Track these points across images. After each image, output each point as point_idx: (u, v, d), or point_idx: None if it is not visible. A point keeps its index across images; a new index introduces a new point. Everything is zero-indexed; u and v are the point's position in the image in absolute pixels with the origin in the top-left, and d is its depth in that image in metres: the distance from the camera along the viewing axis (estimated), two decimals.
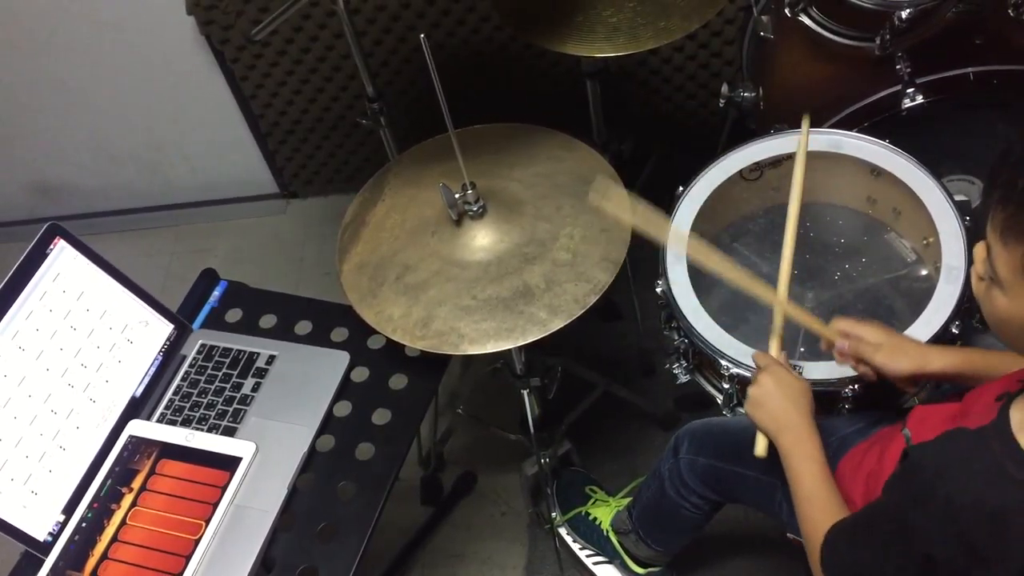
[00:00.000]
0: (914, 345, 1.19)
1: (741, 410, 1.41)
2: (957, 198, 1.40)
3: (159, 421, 1.34)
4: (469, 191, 1.29)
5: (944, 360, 1.17)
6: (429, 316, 1.27)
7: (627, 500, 1.72)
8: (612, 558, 1.77)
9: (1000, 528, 0.80)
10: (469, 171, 1.28)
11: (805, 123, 1.45)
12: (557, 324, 1.23)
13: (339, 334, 1.41)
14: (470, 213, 1.32)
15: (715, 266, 1.30)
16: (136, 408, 1.34)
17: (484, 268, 1.30)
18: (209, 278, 1.51)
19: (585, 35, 1.46)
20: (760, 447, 1.21)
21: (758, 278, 1.28)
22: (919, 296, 1.42)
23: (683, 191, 1.49)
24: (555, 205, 1.34)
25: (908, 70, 1.54)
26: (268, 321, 1.44)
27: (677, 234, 1.38)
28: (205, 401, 1.35)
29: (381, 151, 1.81)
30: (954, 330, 1.28)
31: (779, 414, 1.17)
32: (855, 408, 1.31)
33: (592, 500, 1.82)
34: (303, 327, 1.43)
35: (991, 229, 0.83)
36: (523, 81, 2.26)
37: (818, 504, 1.08)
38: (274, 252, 2.57)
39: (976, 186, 1.67)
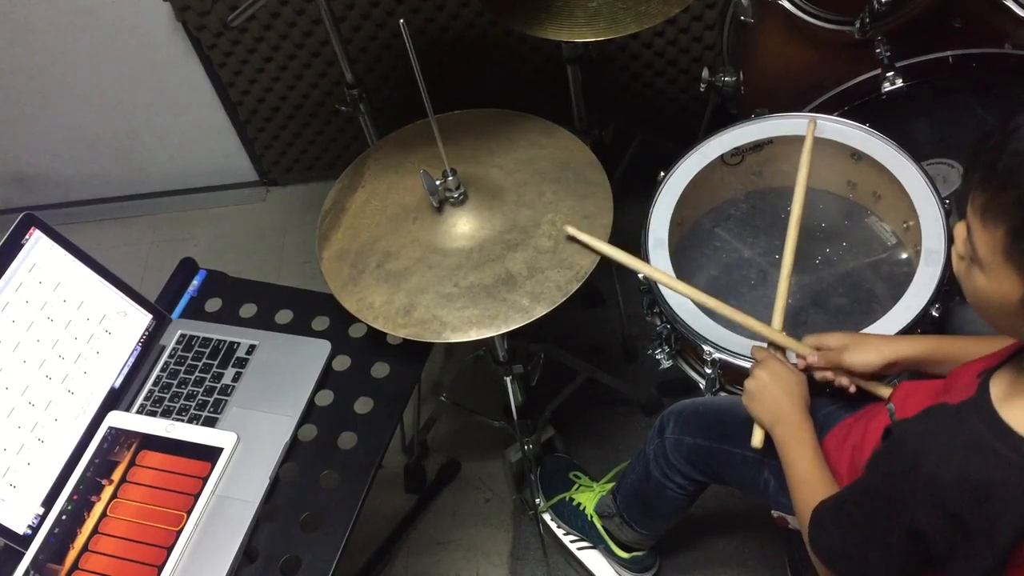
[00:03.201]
0: (878, 339, 1.22)
1: (724, 394, 1.42)
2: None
3: (139, 412, 1.33)
4: (450, 177, 1.29)
5: (912, 348, 1.19)
6: (411, 304, 1.26)
7: (611, 485, 1.72)
8: (596, 543, 1.78)
9: (984, 501, 0.81)
10: (450, 157, 1.28)
11: (810, 128, 1.44)
12: (540, 311, 1.23)
13: (320, 323, 1.40)
14: (451, 200, 1.31)
15: (702, 300, 1.31)
16: (115, 399, 1.32)
17: (466, 255, 1.29)
18: (188, 267, 1.49)
19: (565, 20, 1.45)
20: (756, 438, 1.23)
21: (749, 315, 1.28)
22: (900, 280, 1.43)
23: (664, 176, 1.49)
24: (537, 191, 1.34)
25: (887, 54, 1.55)
26: (248, 310, 1.43)
27: (656, 273, 1.38)
28: (185, 391, 1.33)
29: (361, 138, 1.80)
30: (934, 312, 1.29)
31: (774, 406, 1.19)
32: (834, 393, 1.32)
33: (576, 486, 1.82)
34: (284, 316, 1.41)
35: (971, 210, 0.84)
36: (503, 67, 2.25)
37: (811, 487, 1.10)
38: (254, 240, 2.55)
39: (956, 169, 1.67)
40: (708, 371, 1.37)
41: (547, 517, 1.84)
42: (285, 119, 2.41)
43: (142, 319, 1.38)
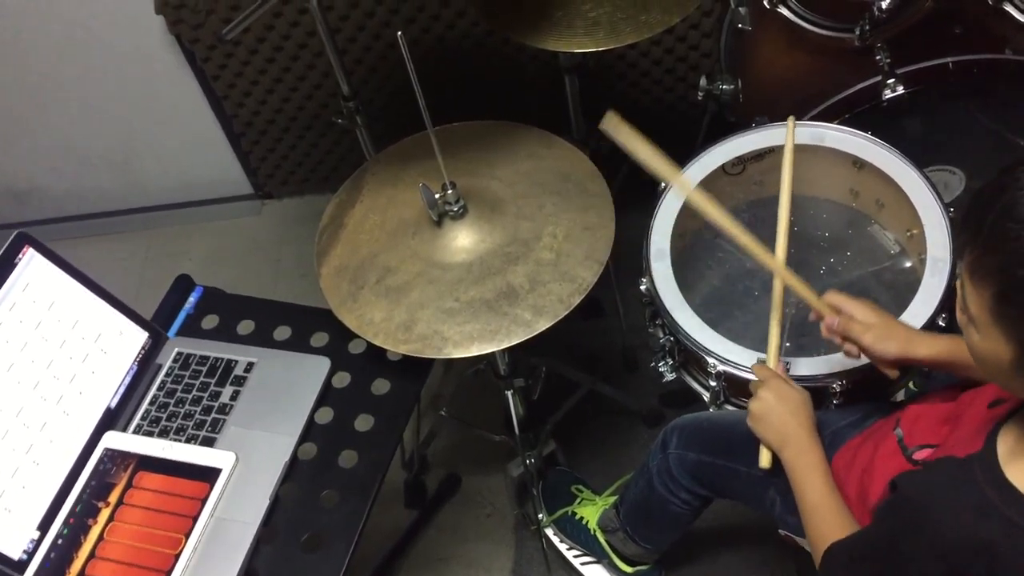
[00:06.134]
0: (903, 329, 1.19)
1: (728, 407, 1.41)
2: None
3: (135, 432, 1.31)
4: (449, 191, 1.27)
5: (931, 347, 1.16)
6: (411, 319, 1.24)
7: (614, 499, 1.70)
8: (600, 558, 1.75)
9: (988, 561, 0.81)
10: (448, 170, 1.26)
11: (790, 124, 1.42)
12: (542, 325, 1.21)
13: (319, 339, 1.38)
14: (451, 213, 1.29)
15: (719, 220, 1.24)
16: (111, 419, 1.30)
17: (466, 269, 1.27)
18: (184, 284, 1.48)
19: (564, 30, 1.44)
20: (764, 459, 1.21)
21: (755, 242, 1.23)
22: (903, 288, 1.42)
23: (666, 187, 1.48)
24: (537, 204, 1.32)
25: (888, 60, 1.54)
26: (246, 327, 1.41)
27: (683, 183, 1.31)
28: (183, 411, 1.32)
29: (356, 150, 1.78)
30: (940, 323, 1.28)
31: (782, 428, 1.18)
32: (844, 402, 1.31)
33: (578, 499, 1.80)
34: (282, 332, 1.40)
35: (963, 268, 0.83)
36: (500, 77, 2.23)
37: (823, 515, 1.09)
38: (250, 254, 2.53)
39: (957, 176, 1.66)
40: (712, 384, 1.36)
41: (550, 532, 1.82)
42: (280, 132, 2.39)
43: (138, 337, 1.36)
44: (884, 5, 1.41)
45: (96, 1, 2.06)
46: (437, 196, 1.27)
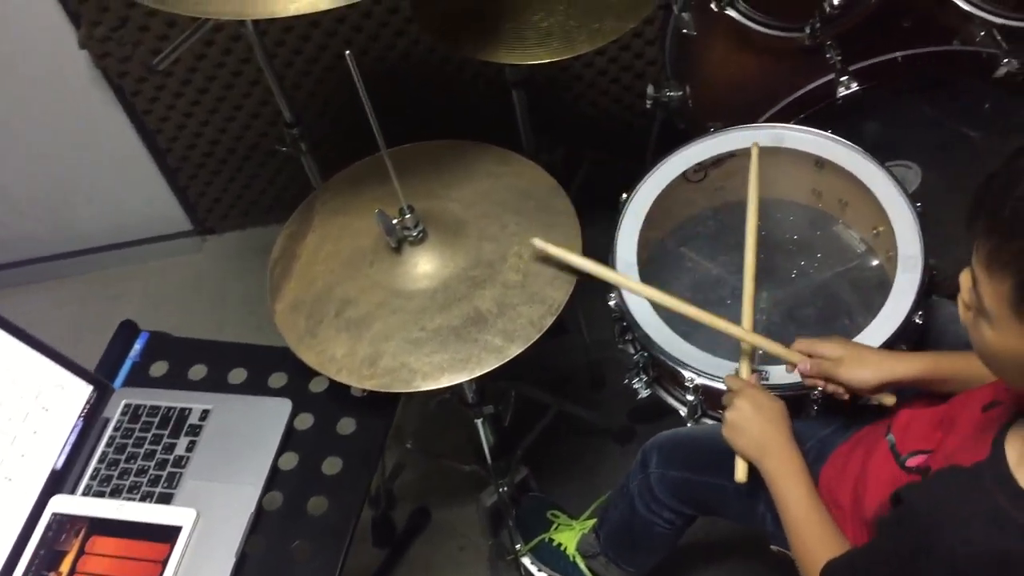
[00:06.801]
0: (874, 354, 1.16)
1: (707, 420, 1.37)
2: None
3: (85, 494, 1.22)
4: (407, 215, 1.22)
5: (909, 367, 1.13)
6: (376, 353, 1.18)
7: (591, 522, 1.66)
8: None
9: (1004, 572, 0.78)
10: (405, 193, 1.20)
11: (754, 152, 1.40)
12: (514, 350, 1.16)
13: (277, 379, 1.31)
14: (410, 239, 1.24)
15: (672, 306, 1.26)
16: (58, 482, 1.21)
17: (430, 296, 1.22)
18: (128, 331, 1.39)
19: (516, 43, 1.40)
20: (740, 472, 1.17)
21: (717, 316, 1.24)
22: (872, 287, 1.40)
23: (627, 198, 1.44)
24: (499, 224, 1.27)
25: (839, 58, 1.52)
26: (198, 372, 1.33)
27: (626, 283, 1.33)
28: (135, 467, 1.23)
29: (299, 178, 1.72)
30: (917, 320, 1.25)
31: (761, 439, 1.14)
32: (824, 410, 1.27)
33: (555, 525, 1.74)
34: (237, 375, 1.32)
35: (976, 259, 0.79)
36: (446, 95, 2.19)
37: (809, 529, 1.06)
38: (194, 293, 2.43)
39: (913, 170, 1.65)
40: (689, 398, 1.32)
41: (527, 561, 1.76)
42: (218, 163, 2.31)
43: (82, 391, 1.28)
44: (836, 1, 1.39)
45: (17, 39, 1.97)
46: (394, 221, 1.21)
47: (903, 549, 0.87)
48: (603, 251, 1.39)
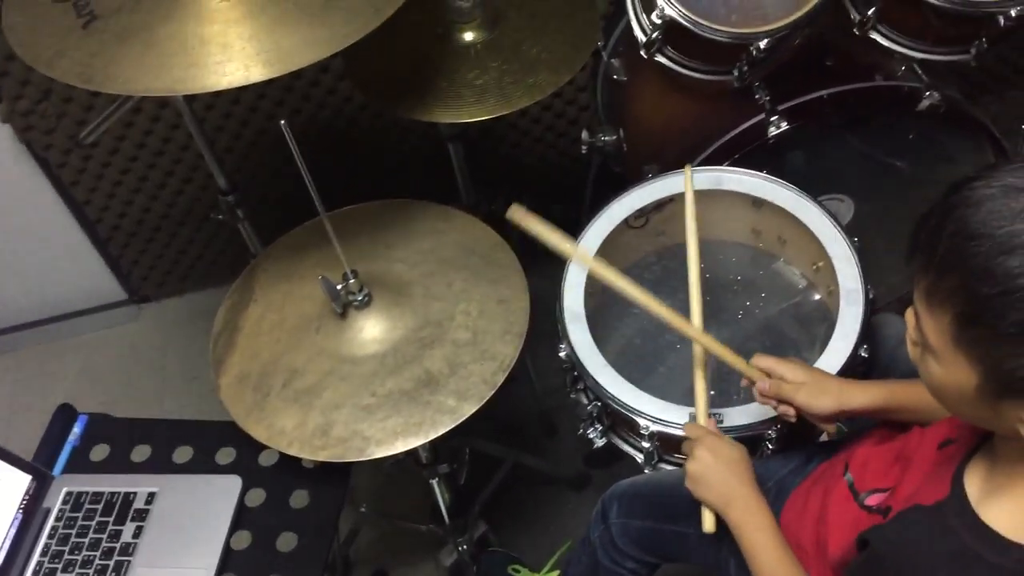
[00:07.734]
0: (835, 382, 1.16)
1: (664, 466, 1.36)
2: None
3: None
4: (351, 280, 1.20)
5: (865, 396, 1.14)
6: (327, 422, 1.15)
7: (554, 573, 1.63)
8: None
9: None
10: (347, 257, 1.18)
11: (687, 173, 1.41)
12: (468, 409, 1.15)
13: (225, 455, 1.27)
14: (355, 303, 1.22)
15: (625, 289, 1.23)
16: None
17: (380, 361, 1.20)
18: (66, 414, 1.34)
19: (452, 101, 1.39)
20: (708, 523, 1.15)
21: (676, 314, 1.21)
22: (816, 322, 1.42)
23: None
24: (445, 282, 1.26)
25: (768, 98, 1.56)
26: (141, 453, 1.29)
27: (585, 257, 1.31)
28: (80, 558, 1.18)
29: (236, 241, 1.69)
30: (863, 353, 1.27)
31: (722, 487, 1.13)
32: (778, 449, 1.28)
33: None
34: (183, 454, 1.28)
35: (917, 296, 0.80)
36: (381, 153, 2.17)
37: None
38: (131, 364, 2.35)
39: (846, 203, 1.69)
40: (646, 445, 1.31)
41: None
42: (152, 231, 2.25)
43: (19, 481, 1.22)
44: (763, 45, 1.42)
45: None
46: (339, 287, 1.19)
47: None
48: (551, 300, 1.39)
